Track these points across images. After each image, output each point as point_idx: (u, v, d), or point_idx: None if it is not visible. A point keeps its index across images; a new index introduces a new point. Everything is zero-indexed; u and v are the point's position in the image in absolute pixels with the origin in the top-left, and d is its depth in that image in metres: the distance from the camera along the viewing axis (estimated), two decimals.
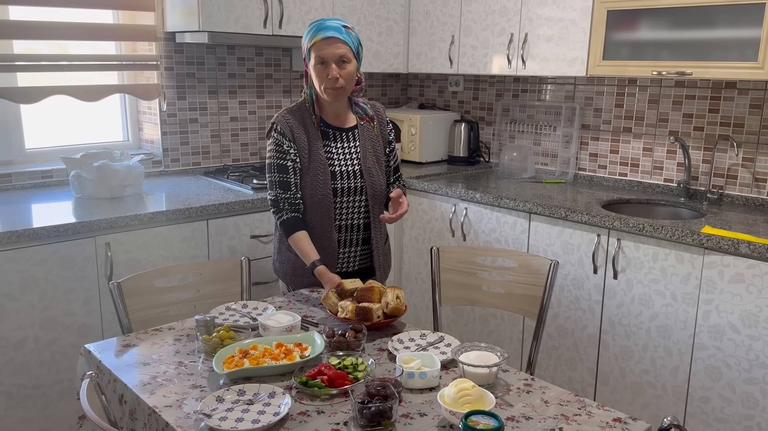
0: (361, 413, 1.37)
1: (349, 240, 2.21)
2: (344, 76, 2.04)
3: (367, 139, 2.19)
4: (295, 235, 2.11)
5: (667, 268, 2.46)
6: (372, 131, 2.21)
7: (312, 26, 2.05)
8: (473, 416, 1.31)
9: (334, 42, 2.01)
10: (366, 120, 2.21)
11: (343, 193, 2.15)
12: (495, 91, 3.76)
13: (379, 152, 2.22)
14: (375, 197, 2.19)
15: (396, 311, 1.86)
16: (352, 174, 2.16)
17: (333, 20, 2.05)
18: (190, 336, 1.83)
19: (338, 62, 2.02)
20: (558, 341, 2.86)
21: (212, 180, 3.22)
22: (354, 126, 2.20)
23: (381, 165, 2.22)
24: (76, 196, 2.77)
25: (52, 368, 2.40)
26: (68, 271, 2.38)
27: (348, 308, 1.84)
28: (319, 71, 2.04)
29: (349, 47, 2.03)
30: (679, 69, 2.63)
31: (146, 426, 1.48)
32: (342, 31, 2.03)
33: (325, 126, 2.16)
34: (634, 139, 3.20)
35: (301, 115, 2.15)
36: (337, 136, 2.17)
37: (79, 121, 3.21)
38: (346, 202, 2.16)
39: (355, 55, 2.06)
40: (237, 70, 3.45)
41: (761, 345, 2.25)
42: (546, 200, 2.88)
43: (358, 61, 2.08)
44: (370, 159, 2.18)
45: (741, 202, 2.88)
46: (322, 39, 2.01)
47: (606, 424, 1.43)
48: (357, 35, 2.09)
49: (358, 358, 1.64)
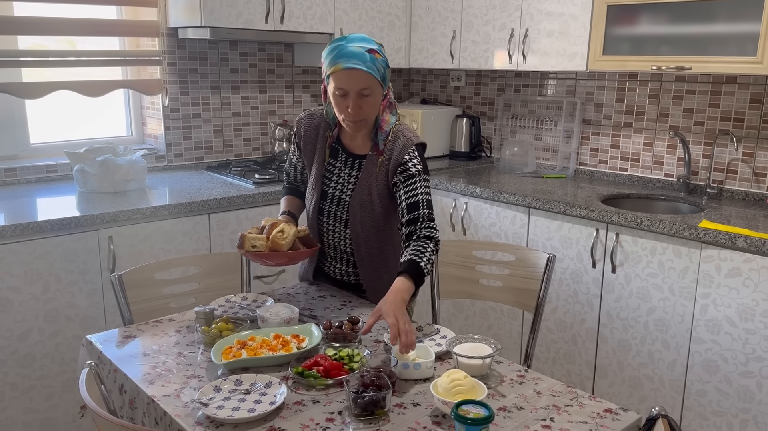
0: (354, 402, 1.39)
1: (338, 258, 2.09)
2: (366, 108, 1.84)
3: (369, 173, 1.97)
4: (282, 198, 2.17)
5: (664, 262, 2.47)
6: (375, 168, 1.96)
7: (333, 48, 1.81)
8: (464, 405, 1.34)
9: (356, 74, 1.79)
10: (375, 152, 1.97)
11: (329, 216, 2.03)
12: (497, 86, 3.77)
13: (374, 189, 1.96)
14: (361, 235, 1.99)
15: (275, 245, 1.87)
16: (342, 203, 2.00)
17: (357, 41, 1.81)
18: (190, 327, 1.86)
19: (359, 94, 1.82)
20: (557, 335, 2.88)
21: (214, 174, 3.25)
22: (364, 155, 1.99)
23: (378, 201, 1.97)
24: (80, 190, 2.80)
25: (56, 359, 2.44)
26: (72, 264, 2.41)
27: (261, 243, 1.89)
28: (338, 101, 1.85)
29: (373, 77, 1.81)
30: (679, 64, 2.64)
31: (145, 415, 1.51)
32: (366, 58, 1.79)
33: (338, 143, 2.02)
34: (635, 134, 3.21)
35: (319, 122, 2.05)
36: (345, 159, 2.01)
37: (83, 117, 3.24)
38: (332, 226, 2.03)
39: (380, 82, 1.84)
40: (239, 66, 3.47)
41: (758, 339, 2.26)
42: (545, 195, 2.90)
43: (384, 85, 1.87)
44: (365, 196, 1.97)
45: (741, 197, 2.88)
46: (342, 69, 1.79)
47: (597, 415, 1.44)
48: (384, 58, 1.85)
49: (354, 349, 1.66)
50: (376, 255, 2.04)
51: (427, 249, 1.81)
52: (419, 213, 1.87)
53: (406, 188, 1.90)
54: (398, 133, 1.95)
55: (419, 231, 1.86)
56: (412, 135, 1.96)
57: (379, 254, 2.04)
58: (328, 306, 2.01)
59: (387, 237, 2.04)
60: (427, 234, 1.85)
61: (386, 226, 2.02)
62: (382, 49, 1.86)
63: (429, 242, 1.84)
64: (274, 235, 1.88)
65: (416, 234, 1.86)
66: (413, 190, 1.89)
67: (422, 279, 1.78)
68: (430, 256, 1.81)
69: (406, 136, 1.94)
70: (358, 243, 2.01)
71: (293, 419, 1.40)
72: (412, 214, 1.87)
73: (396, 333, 1.56)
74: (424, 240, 1.84)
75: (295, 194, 2.17)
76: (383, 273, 2.05)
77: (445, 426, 1.39)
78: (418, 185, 1.90)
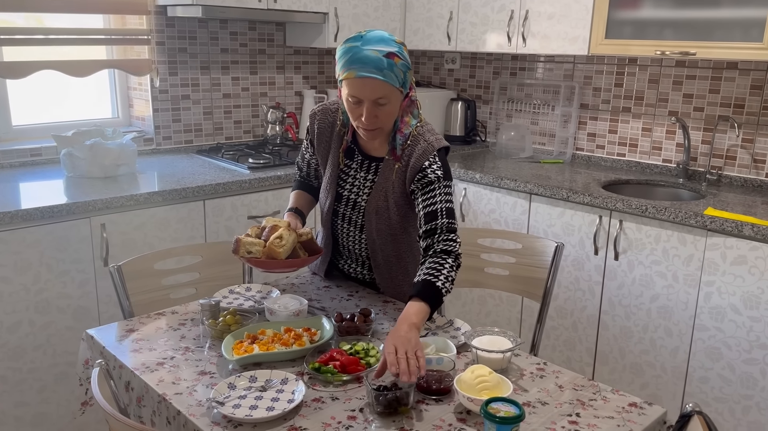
0: (377, 400, 1.35)
1: (354, 259, 2.00)
2: (381, 117, 1.70)
3: (385, 178, 1.83)
4: (293, 192, 2.05)
5: (669, 250, 2.46)
6: (391, 174, 1.83)
7: (347, 50, 1.65)
8: (493, 403, 1.30)
9: (371, 83, 1.63)
10: (393, 157, 1.82)
11: (344, 219, 1.92)
12: (492, 69, 3.71)
13: (390, 195, 1.84)
14: (377, 242, 1.89)
15: (271, 252, 1.72)
16: (358, 208, 1.89)
17: (374, 43, 1.63)
18: (194, 320, 1.79)
19: (374, 103, 1.67)
20: (557, 321, 2.86)
21: (206, 159, 3.15)
22: (381, 158, 1.85)
23: (395, 208, 1.85)
24: (68, 175, 2.70)
25: (47, 351, 2.35)
26: (63, 253, 2.32)
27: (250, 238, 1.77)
28: (351, 108, 1.70)
29: (390, 86, 1.65)
30: (683, 49, 2.61)
31: (155, 414, 1.45)
32: (383, 65, 1.62)
33: (354, 143, 1.87)
34: (633, 119, 3.18)
35: (334, 119, 1.89)
36: (361, 162, 1.87)
37: (65, 97, 3.12)
38: (347, 230, 1.93)
39: (399, 88, 1.68)
40: (230, 45, 3.36)
41: (762, 326, 2.27)
42: (545, 181, 2.86)
43: (404, 90, 1.71)
44: (381, 202, 1.84)
45: (739, 183, 2.88)
46: (356, 77, 1.63)
47: (622, 409, 1.42)
48: (405, 60, 1.67)
49: (369, 343, 1.62)
50: (393, 263, 1.93)
51: (444, 266, 1.65)
52: (437, 223, 1.72)
53: (424, 196, 1.75)
54: (418, 137, 1.79)
55: (436, 245, 1.70)
56: (434, 139, 1.79)
57: (397, 261, 1.93)
58: (335, 297, 1.96)
59: (405, 245, 1.92)
60: (444, 248, 1.69)
61: (404, 234, 1.90)
62: (402, 50, 1.67)
63: (447, 257, 1.67)
64: (272, 242, 1.73)
65: (433, 248, 1.70)
66: (432, 197, 1.74)
67: (439, 299, 1.61)
68: (449, 273, 1.64)
69: (427, 140, 1.78)
70: (374, 250, 1.91)
71: (314, 417, 1.35)
72: (430, 224, 1.72)
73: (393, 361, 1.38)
74: (440, 255, 1.68)
75: (307, 189, 2.05)
76: (402, 280, 1.96)
77: (470, 423, 1.35)
78: (437, 192, 1.74)
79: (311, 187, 2.06)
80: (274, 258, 1.73)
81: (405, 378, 1.36)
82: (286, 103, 3.65)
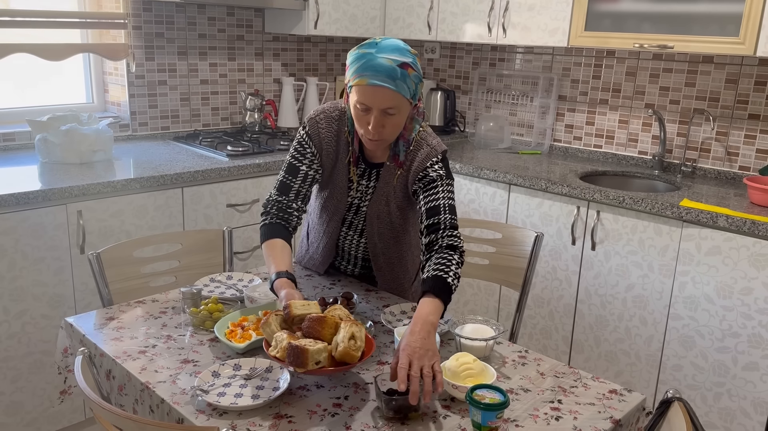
0: (387, 404, 1.30)
1: (352, 262, 1.99)
2: (388, 127, 1.66)
3: (385, 183, 1.82)
4: (271, 241, 1.71)
5: (645, 240, 2.50)
6: (392, 179, 1.81)
7: (360, 56, 1.60)
8: (478, 390, 1.31)
9: (382, 92, 1.59)
10: (395, 163, 1.80)
11: (350, 226, 1.91)
12: (471, 59, 3.72)
13: (392, 200, 1.83)
14: (378, 245, 1.89)
15: (346, 357, 1.35)
16: (359, 213, 1.88)
17: (389, 52, 1.59)
18: (175, 308, 1.78)
19: (383, 112, 1.63)
20: (534, 310, 2.90)
21: (183, 146, 3.11)
22: (381, 164, 1.83)
23: (397, 212, 1.85)
24: (42, 160, 2.64)
25: (22, 340, 2.31)
26: (38, 240, 2.28)
27: (282, 343, 1.37)
28: (358, 116, 1.66)
29: (401, 96, 1.61)
30: (661, 42, 2.64)
31: (138, 403, 1.44)
32: (396, 74, 1.58)
33: (359, 149, 1.83)
34: (610, 111, 3.22)
35: (339, 127, 1.81)
36: (363, 168, 1.84)
37: (36, 81, 3.04)
38: (345, 233, 1.92)
39: (409, 99, 1.64)
40: (207, 31, 3.31)
41: (734, 316, 2.32)
42: (524, 171, 2.89)
43: (414, 99, 1.67)
44: (382, 206, 1.83)
45: (713, 176, 2.94)
46: (367, 85, 1.59)
47: (603, 396, 1.45)
48: (418, 72, 1.63)
49: None
50: (395, 263, 1.94)
51: (452, 261, 1.61)
52: (440, 218, 1.69)
53: (426, 193, 1.75)
54: (421, 142, 1.78)
55: (441, 241, 1.66)
56: (436, 143, 1.79)
57: (399, 261, 1.94)
58: (317, 286, 1.96)
59: (406, 244, 1.94)
60: (450, 244, 1.66)
61: (406, 234, 1.92)
62: (416, 61, 1.63)
63: (453, 253, 1.64)
64: (349, 347, 1.36)
65: (438, 243, 1.66)
66: (434, 194, 1.74)
67: (450, 295, 1.56)
68: (457, 269, 1.60)
69: (429, 145, 1.78)
70: (376, 253, 1.91)
71: (299, 405, 1.36)
72: (432, 219, 1.70)
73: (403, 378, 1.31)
74: (446, 251, 1.64)
75: (285, 234, 1.75)
76: (403, 277, 1.97)
77: (455, 409, 1.37)
78: (440, 189, 1.74)
79: (287, 228, 1.78)
80: (347, 362, 1.38)
81: (414, 400, 1.28)
82: (265, 90, 3.62)
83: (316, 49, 3.79)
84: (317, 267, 2.02)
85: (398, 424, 1.30)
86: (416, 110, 1.75)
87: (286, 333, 1.39)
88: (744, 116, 2.82)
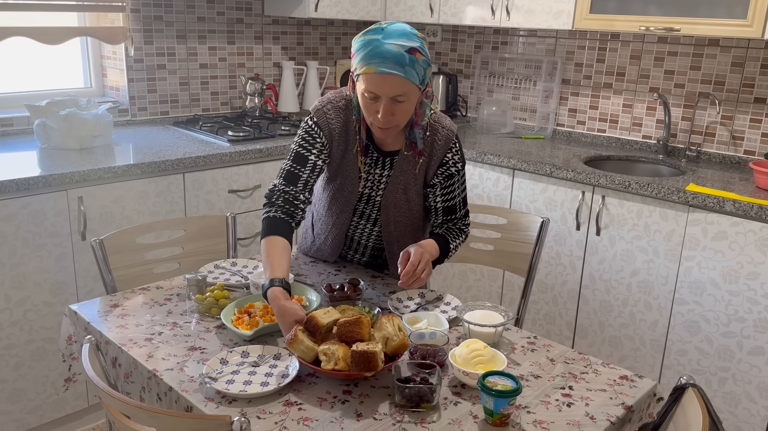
0: (401, 392, 1.29)
1: (362, 252, 1.97)
2: (398, 115, 1.63)
3: (402, 172, 1.79)
4: (272, 238, 1.63)
5: (650, 225, 2.49)
6: (412, 167, 1.79)
7: (367, 43, 1.57)
8: (489, 377, 1.30)
9: (390, 80, 1.56)
10: (413, 151, 1.77)
11: (361, 216, 1.88)
12: (474, 43, 3.68)
13: (411, 188, 1.82)
14: (394, 233, 1.88)
15: (401, 348, 1.39)
16: (372, 202, 1.85)
17: (396, 37, 1.56)
18: (180, 295, 1.76)
19: (392, 100, 1.60)
20: (538, 296, 2.89)
21: (183, 131, 3.08)
22: (395, 151, 1.79)
23: (416, 199, 1.85)
24: (41, 146, 2.61)
25: (24, 327, 2.29)
26: (39, 227, 2.25)
27: (338, 354, 1.33)
28: (367, 104, 1.63)
29: (410, 83, 1.58)
30: (668, 25, 2.61)
31: (145, 390, 1.42)
32: (405, 60, 1.55)
33: (368, 137, 1.79)
34: (615, 95, 3.20)
35: (346, 117, 1.77)
36: (376, 158, 1.81)
37: (33, 65, 3.00)
38: (356, 222, 1.89)
39: (418, 85, 1.61)
40: (206, 14, 3.27)
41: (740, 300, 2.32)
42: (528, 156, 2.86)
43: (423, 84, 1.64)
44: (399, 195, 1.82)
45: (718, 160, 2.92)
46: (375, 73, 1.56)
47: (614, 382, 1.44)
48: (426, 57, 1.60)
49: (364, 308, 1.61)
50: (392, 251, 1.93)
51: (459, 237, 1.88)
52: (455, 215, 1.88)
53: (444, 190, 1.82)
54: (435, 125, 1.77)
55: (455, 224, 1.90)
56: (449, 123, 1.80)
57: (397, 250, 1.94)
58: (323, 272, 1.94)
59: (422, 230, 1.96)
60: (462, 228, 1.90)
61: (422, 220, 1.93)
62: (424, 46, 1.60)
63: (461, 234, 1.89)
64: (401, 337, 1.39)
65: (453, 222, 1.90)
66: (450, 191, 1.83)
67: (443, 259, 1.83)
68: (458, 245, 1.88)
69: (445, 127, 1.78)
70: (390, 241, 1.90)
71: (308, 392, 1.34)
72: (447, 216, 1.88)
73: (408, 270, 1.62)
74: (458, 232, 1.89)
75: (287, 232, 1.68)
76: None
77: (465, 396, 1.35)
78: (456, 185, 1.84)
79: (290, 224, 1.71)
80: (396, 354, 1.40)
81: (404, 280, 1.61)
82: (264, 74, 3.58)
83: (317, 32, 3.74)
84: (326, 258, 1.99)
85: (410, 412, 1.29)
86: (425, 94, 1.71)
87: (332, 343, 1.36)
88: (750, 100, 2.80)
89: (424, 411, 1.29)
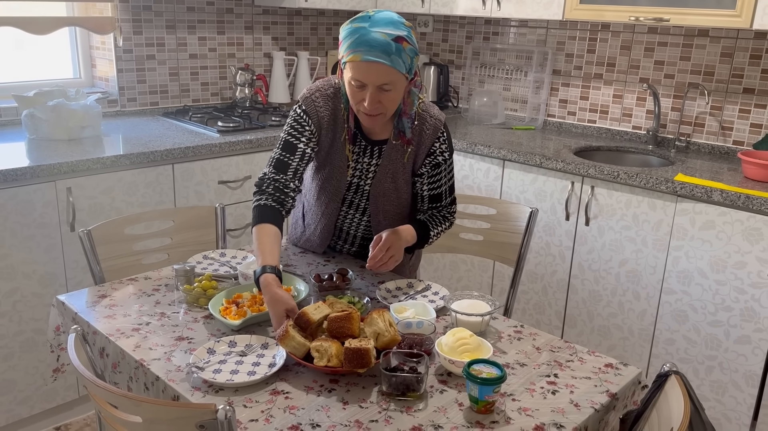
0: (388, 381, 1.29)
1: (350, 242, 1.97)
2: (385, 103, 1.63)
3: (390, 161, 1.79)
4: (263, 226, 1.63)
5: (639, 215, 2.50)
6: (401, 156, 1.80)
7: (353, 31, 1.57)
8: (475, 365, 1.31)
9: (377, 68, 1.56)
10: (401, 140, 1.78)
11: (350, 205, 1.88)
12: (465, 33, 3.68)
13: (400, 176, 1.82)
14: (383, 223, 1.88)
15: (392, 344, 1.40)
16: (360, 191, 1.85)
17: (383, 25, 1.56)
18: (168, 286, 1.76)
19: (379, 88, 1.60)
20: (527, 286, 2.90)
21: (173, 121, 3.07)
22: (383, 140, 1.79)
23: (405, 188, 1.86)
24: (30, 137, 2.60)
25: (13, 318, 2.29)
26: (28, 218, 2.24)
27: (330, 351, 1.34)
28: (354, 92, 1.63)
29: (397, 72, 1.58)
30: (657, 15, 2.61)
31: (132, 380, 1.43)
32: (391, 49, 1.54)
33: (356, 126, 1.79)
34: (605, 86, 3.20)
35: (335, 105, 1.77)
36: (364, 147, 1.81)
37: (20, 56, 2.98)
38: (345, 212, 1.89)
39: (405, 74, 1.61)
40: (196, 4, 3.25)
41: (728, 290, 2.33)
42: (518, 147, 2.87)
43: (410, 73, 1.64)
44: (388, 184, 1.82)
45: (707, 150, 2.93)
46: (361, 61, 1.56)
47: (599, 370, 1.45)
48: (413, 46, 1.60)
49: (354, 297, 1.62)
50: None
51: (442, 224, 1.89)
52: (441, 203, 1.90)
53: (431, 178, 1.84)
54: (424, 114, 1.78)
55: (439, 211, 1.91)
56: (438, 112, 1.81)
57: None
58: (312, 263, 1.94)
59: (410, 219, 1.95)
60: (446, 215, 1.91)
61: (410, 209, 1.94)
62: (411, 35, 1.61)
63: (445, 222, 1.90)
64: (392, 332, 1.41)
65: (437, 209, 1.90)
66: (437, 180, 1.85)
67: (422, 244, 1.85)
68: (440, 232, 1.88)
69: (433, 116, 1.79)
70: (380, 231, 1.84)
71: (295, 381, 1.35)
72: (434, 203, 1.89)
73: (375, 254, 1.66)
74: (441, 219, 1.89)
75: (277, 219, 1.68)
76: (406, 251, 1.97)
77: (451, 384, 1.36)
78: (443, 174, 1.85)
79: (280, 212, 1.71)
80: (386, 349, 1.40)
81: (370, 264, 1.66)
82: (255, 65, 3.57)
83: (307, 22, 3.73)
84: (315, 249, 1.99)
85: (396, 400, 1.30)
86: (413, 83, 1.71)
87: (323, 339, 1.37)
88: (739, 90, 2.81)
89: (410, 400, 1.30)
